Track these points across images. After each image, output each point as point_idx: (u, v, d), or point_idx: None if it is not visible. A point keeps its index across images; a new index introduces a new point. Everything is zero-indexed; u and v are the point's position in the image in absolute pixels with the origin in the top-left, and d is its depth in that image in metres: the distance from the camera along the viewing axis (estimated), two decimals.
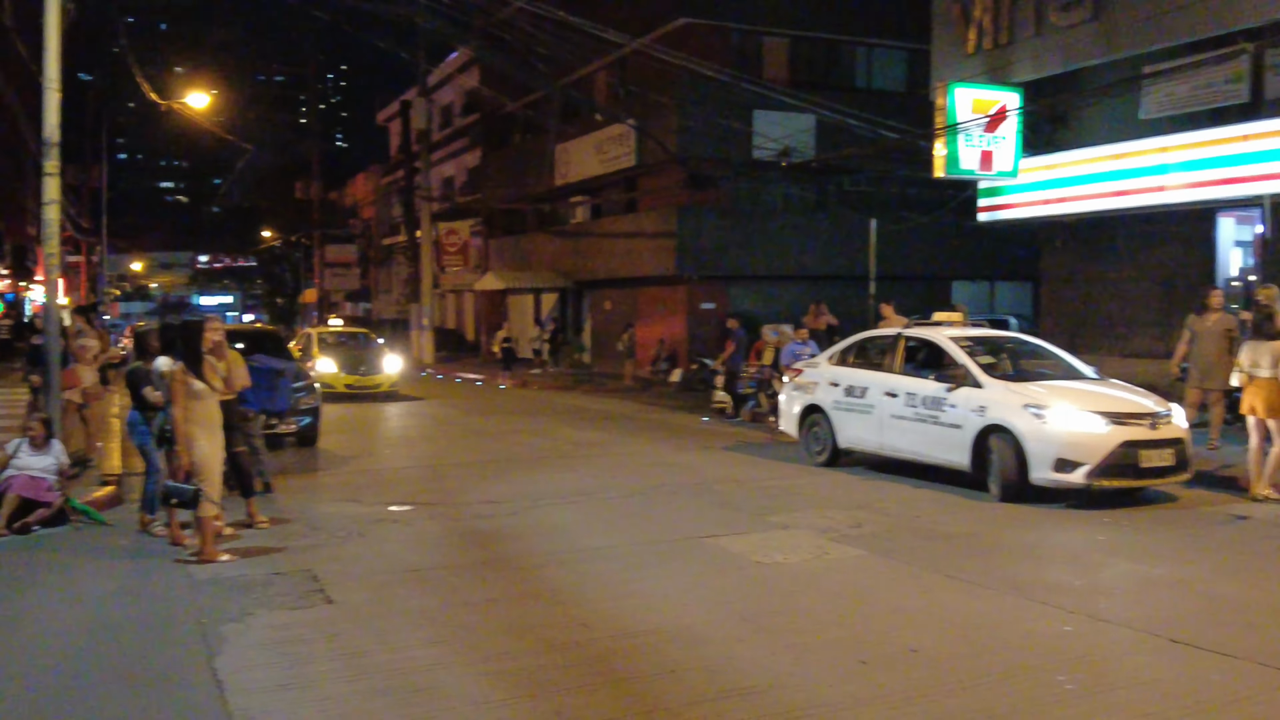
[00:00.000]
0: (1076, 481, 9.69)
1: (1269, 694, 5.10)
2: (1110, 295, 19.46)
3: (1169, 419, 10.18)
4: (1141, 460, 9.74)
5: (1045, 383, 10.76)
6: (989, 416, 10.31)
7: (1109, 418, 9.85)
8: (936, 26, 20.88)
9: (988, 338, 12.17)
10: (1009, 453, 10.05)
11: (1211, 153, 16.27)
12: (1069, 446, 9.71)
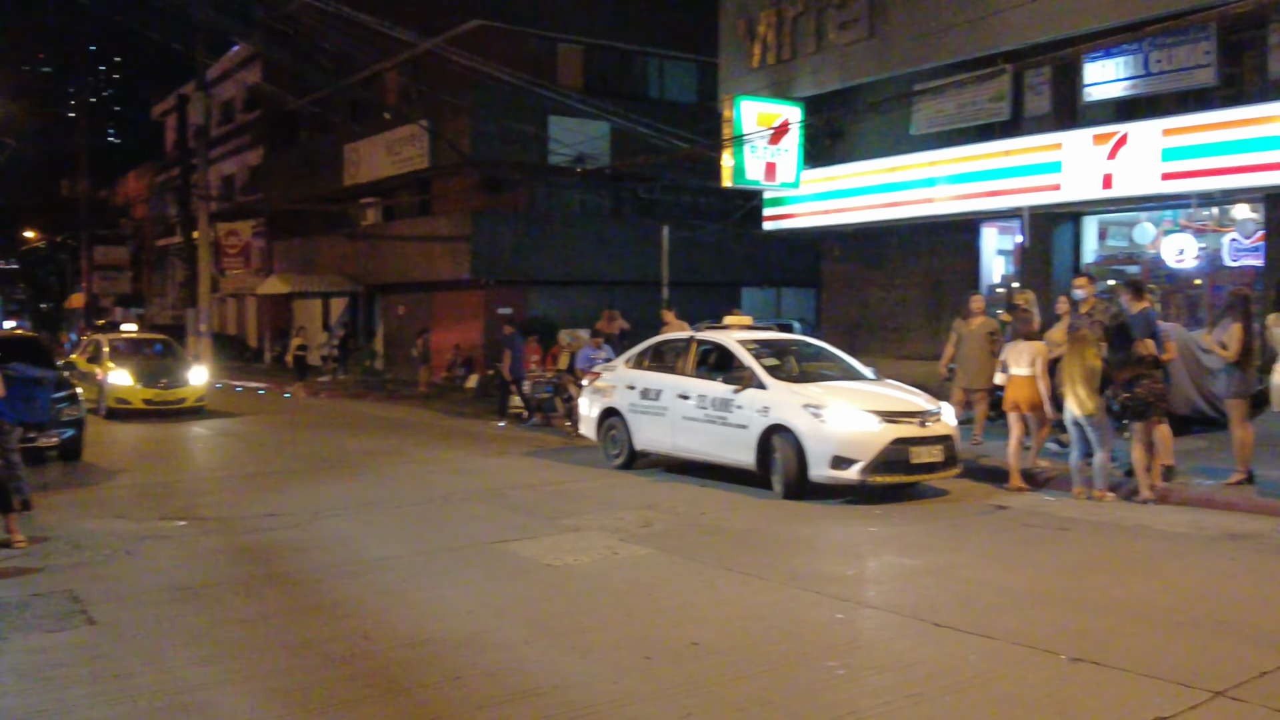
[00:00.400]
0: (852, 478, 10.09)
1: (1021, 671, 5.45)
2: (884, 300, 20.52)
3: (939, 417, 10.68)
4: (912, 456, 10.20)
5: (824, 384, 11.17)
6: (772, 417, 10.64)
7: (882, 416, 10.27)
8: (724, 41, 21.50)
9: (774, 341, 12.54)
10: (790, 451, 10.40)
11: (976, 167, 17.39)
12: (845, 444, 10.10)
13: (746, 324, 13.16)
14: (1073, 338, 10.44)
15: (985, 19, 16.50)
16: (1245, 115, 14.28)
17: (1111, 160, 15.39)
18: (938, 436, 10.48)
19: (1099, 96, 16.20)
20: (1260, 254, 15.12)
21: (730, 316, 13.37)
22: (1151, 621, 6.32)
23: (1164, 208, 16.23)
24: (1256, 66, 14.87)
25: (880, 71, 18.63)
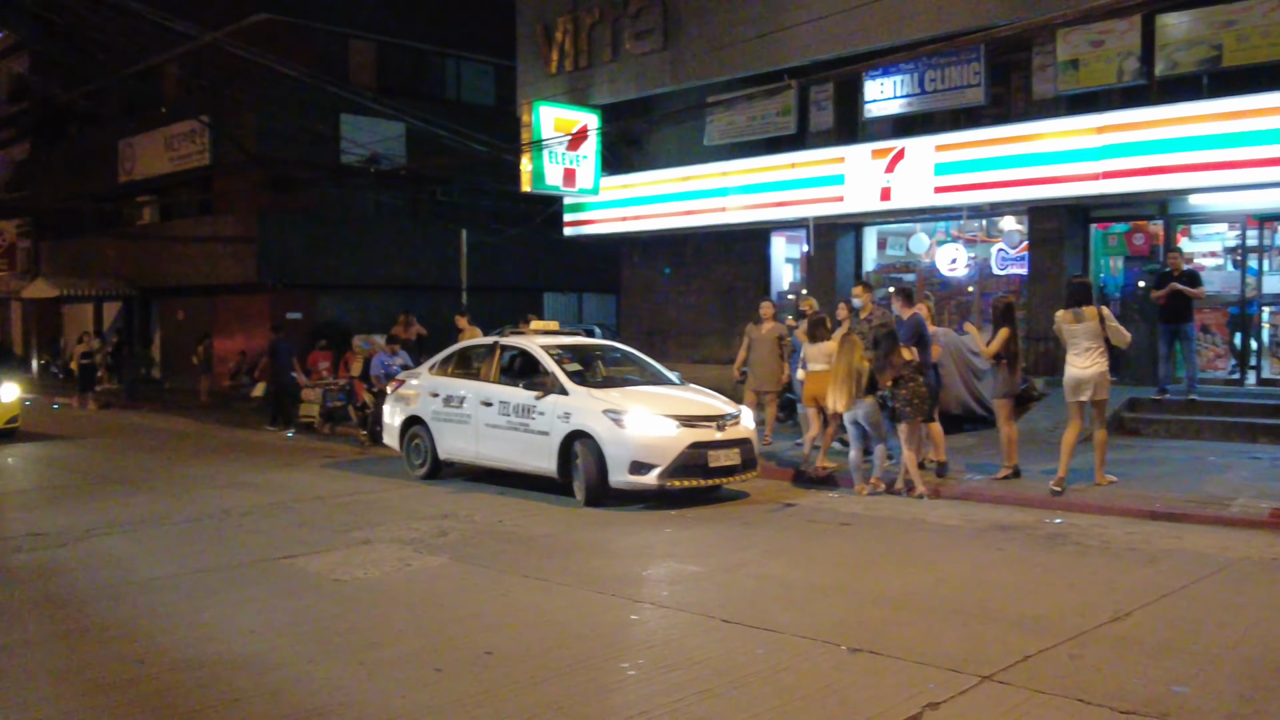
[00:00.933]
0: (650, 483, 10.12)
1: (804, 663, 5.62)
2: (682, 306, 20.92)
3: (737, 420, 10.82)
4: (710, 460, 10.29)
5: (626, 389, 11.16)
6: (573, 423, 10.58)
7: (680, 421, 10.34)
8: (521, 45, 21.44)
9: (579, 346, 12.45)
10: (591, 458, 10.36)
11: (765, 178, 17.97)
12: (643, 449, 10.13)
13: (553, 329, 13.04)
14: (843, 341, 10.97)
15: (773, 35, 17.08)
16: (1010, 133, 15.31)
17: (889, 174, 16.20)
18: (735, 440, 10.58)
19: (878, 113, 17.02)
20: (1024, 263, 16.24)
21: (537, 321, 13.23)
22: (926, 611, 6.64)
23: (937, 219, 17.24)
24: (1022, 87, 15.97)
25: (675, 83, 18.99)
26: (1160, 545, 8.37)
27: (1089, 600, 6.78)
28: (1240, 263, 14.90)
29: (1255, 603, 6.75)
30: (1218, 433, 13.05)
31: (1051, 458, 10.87)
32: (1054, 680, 5.29)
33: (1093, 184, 14.36)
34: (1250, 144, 12.94)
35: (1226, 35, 13.56)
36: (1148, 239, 15.60)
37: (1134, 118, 14.13)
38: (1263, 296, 14.72)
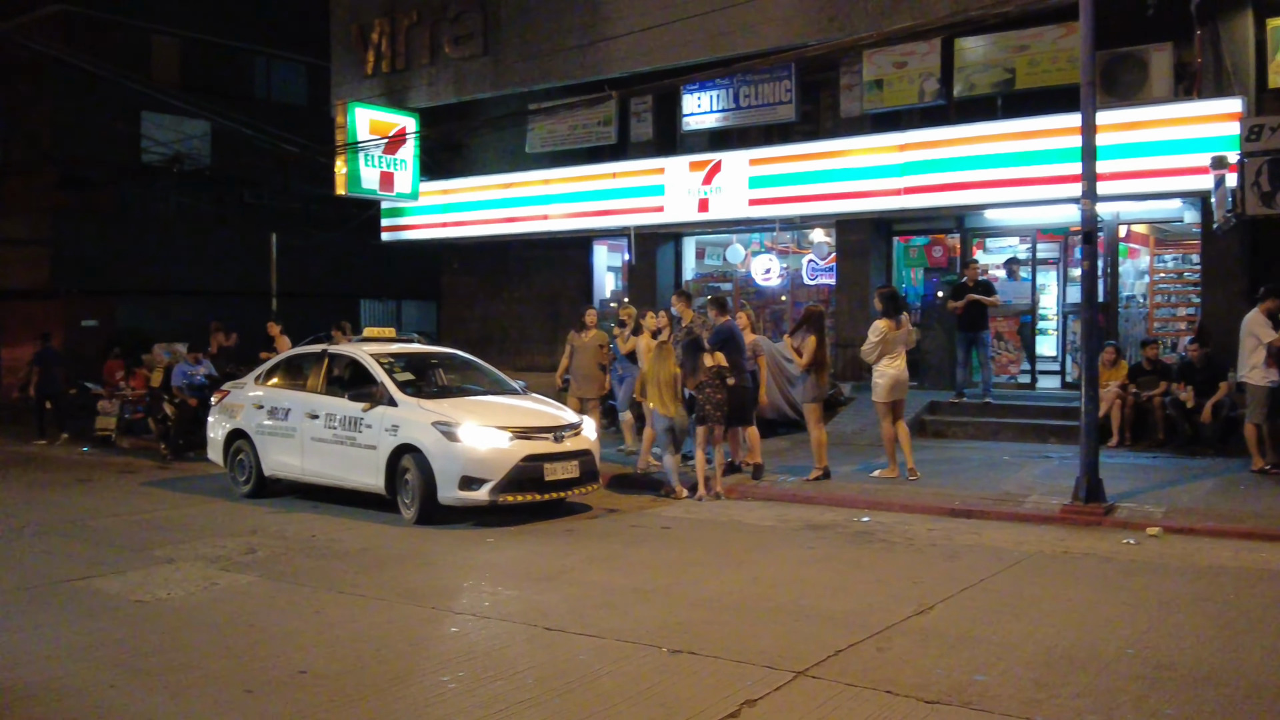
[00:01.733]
0: (482, 499, 9.65)
1: (625, 667, 5.67)
2: (504, 314, 20.79)
3: (578, 431, 10.44)
4: (546, 473, 9.85)
5: (459, 399, 10.69)
6: (401, 436, 10.03)
7: (514, 432, 9.89)
8: (336, 45, 20.91)
9: (414, 353, 11.86)
10: (419, 473, 9.85)
11: (587, 187, 18.08)
12: (473, 463, 9.66)
13: (388, 336, 12.39)
14: (659, 348, 11.16)
15: (593, 46, 17.21)
16: (820, 149, 15.91)
17: (707, 186, 16.58)
18: (575, 452, 10.19)
19: (696, 126, 17.39)
20: (833, 273, 16.87)
21: (374, 328, 12.58)
22: (743, 610, 6.80)
23: (752, 230, 17.73)
24: (831, 105, 16.61)
25: (495, 89, 18.89)
26: (960, 541, 8.83)
27: (895, 595, 7.08)
28: (1031, 273, 15.92)
29: (1048, 594, 7.20)
30: (1012, 434, 13.86)
31: (859, 458, 11.36)
32: (863, 673, 5.50)
33: (895, 199, 15.08)
34: (1039, 163, 13.83)
35: (1019, 60, 14.48)
36: (946, 251, 16.47)
37: (933, 136, 14.92)
38: (1065, 305, 15.78)
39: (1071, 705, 5.02)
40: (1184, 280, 15.54)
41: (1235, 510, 9.48)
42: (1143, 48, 13.69)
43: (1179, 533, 8.91)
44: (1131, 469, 11.52)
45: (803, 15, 15.58)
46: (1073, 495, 9.74)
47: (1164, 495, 10.16)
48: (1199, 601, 6.88)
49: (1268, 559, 8.00)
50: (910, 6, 14.71)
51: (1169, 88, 13.65)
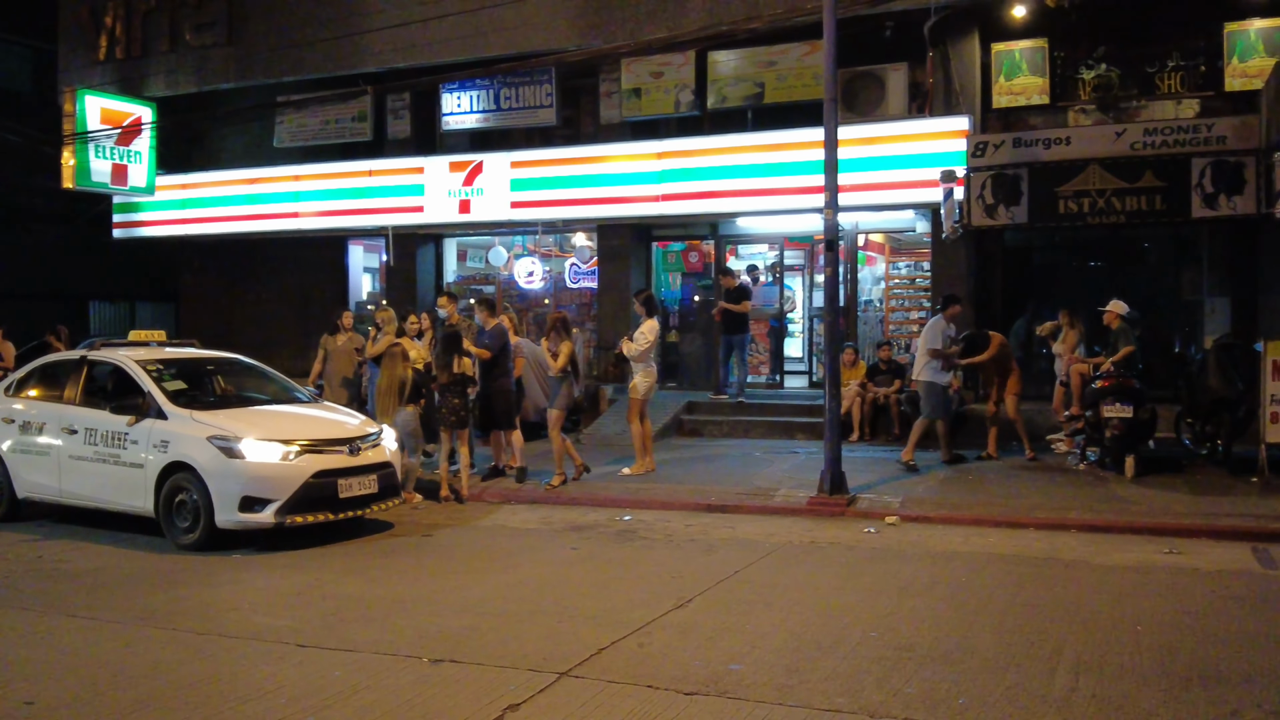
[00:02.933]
0: (266, 521, 8.74)
1: (384, 680, 5.49)
2: (252, 316, 19.82)
3: (377, 442, 9.65)
4: (340, 490, 9.05)
5: (239, 410, 9.71)
6: (172, 453, 9.00)
7: (302, 446, 9.06)
8: (63, 28, 19.43)
9: (187, 360, 10.65)
10: (195, 493, 8.85)
11: (341, 184, 17.51)
12: (256, 482, 8.75)
13: (159, 339, 11.15)
14: (388, 351, 10.94)
15: (347, 39, 16.72)
16: (581, 154, 16.07)
17: (468, 187, 16.40)
18: (372, 465, 9.39)
19: (457, 126, 17.18)
20: (595, 277, 17.06)
21: (142, 331, 11.27)
22: (506, 614, 6.74)
23: (515, 233, 17.68)
24: (591, 111, 16.79)
25: (241, 79, 18.03)
26: (716, 535, 9.10)
27: (655, 591, 7.21)
28: (780, 278, 16.64)
29: (797, 583, 7.51)
30: (763, 431, 14.45)
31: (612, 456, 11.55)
32: (625, 670, 5.56)
33: (654, 205, 15.42)
34: (787, 174, 14.48)
35: (768, 75, 15.12)
36: (702, 257, 16.98)
37: (689, 145, 15.36)
38: (812, 309, 16.55)
39: (820, 688, 5.26)
40: (916, 286, 16.65)
41: (964, 499, 10.23)
42: (881, 67, 14.59)
43: (915, 521, 9.53)
44: (871, 462, 12.23)
45: (563, 21, 15.69)
46: (818, 488, 10.25)
47: (900, 486, 10.84)
48: (934, 585, 7.36)
49: (994, 543, 8.66)
50: (666, 18, 15.09)
51: (904, 106, 14.62)
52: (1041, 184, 13.02)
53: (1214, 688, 5.20)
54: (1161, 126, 12.78)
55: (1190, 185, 12.38)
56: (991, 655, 5.76)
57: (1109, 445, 11.18)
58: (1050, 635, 6.09)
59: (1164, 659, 5.64)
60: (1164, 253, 14.68)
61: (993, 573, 7.71)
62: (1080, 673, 5.44)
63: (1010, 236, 14.68)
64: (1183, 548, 8.37)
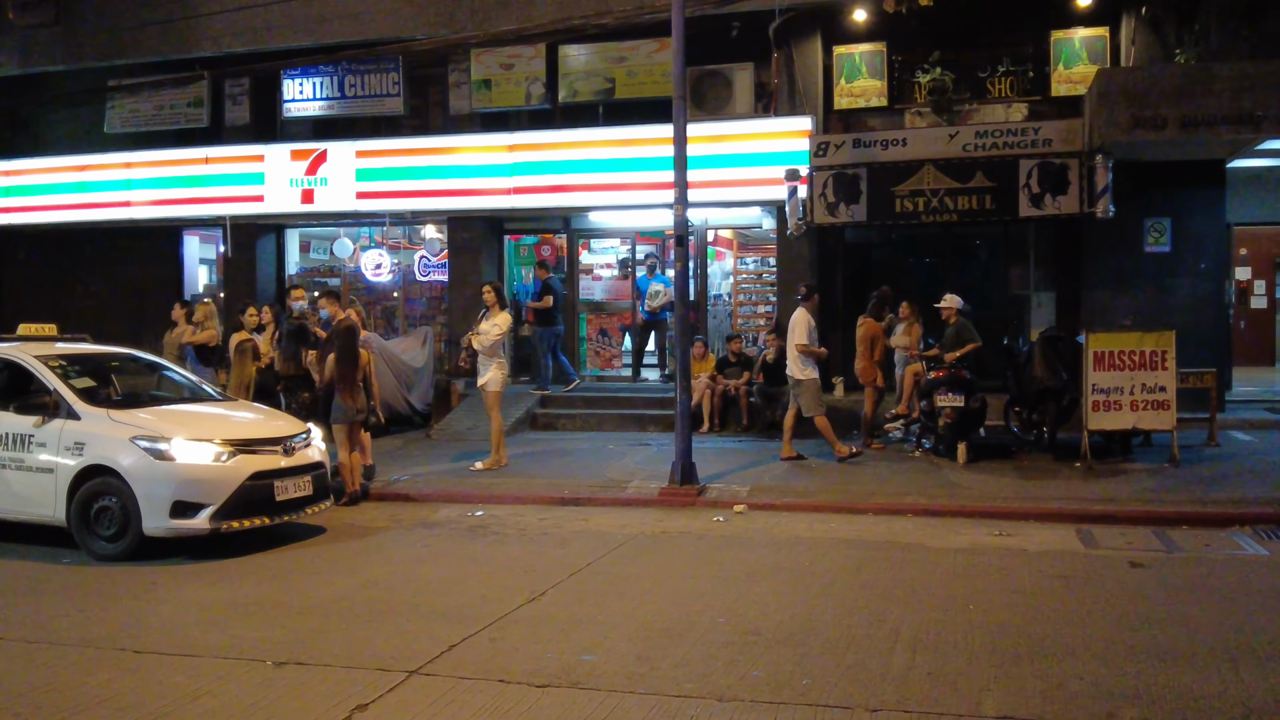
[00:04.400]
0: (201, 527, 8.19)
1: (226, 685, 5.32)
2: (83, 309, 18.76)
3: (307, 442, 9.21)
4: (277, 492, 8.57)
5: (159, 408, 9.10)
6: (90, 455, 8.33)
7: (235, 446, 8.51)
8: None
9: (90, 356, 9.87)
10: (118, 499, 8.23)
11: (176, 172, 16.84)
12: (189, 485, 8.19)
13: (50, 333, 10.31)
14: (236, 349, 10.64)
15: (183, 22, 16.10)
16: (430, 145, 15.84)
17: (311, 176, 15.99)
18: (306, 465, 8.95)
19: (299, 113, 16.71)
20: (445, 270, 16.85)
21: (31, 325, 10.38)
22: (353, 615, 6.61)
23: (361, 224, 17.31)
24: (440, 101, 16.56)
25: (69, 62, 17.15)
26: (570, 528, 9.14)
27: (508, 585, 7.20)
28: (631, 272, 16.77)
29: (648, 572, 7.62)
30: (615, 424, 14.54)
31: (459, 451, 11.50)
32: (477, 666, 5.54)
33: (505, 198, 15.34)
34: (638, 169, 14.61)
35: (619, 71, 15.21)
36: (554, 251, 16.97)
37: (540, 139, 15.33)
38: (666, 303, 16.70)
39: (671, 675, 5.35)
40: (763, 281, 17.04)
41: (808, 487, 10.54)
42: (728, 67, 14.86)
43: (761, 509, 9.78)
44: (721, 453, 12.47)
45: (410, 8, 15.45)
46: (670, 479, 10.40)
47: (748, 475, 11.09)
48: (780, 571, 7.57)
49: (837, 529, 8.96)
50: (516, 10, 15.02)
51: (751, 105, 14.93)
52: (879, 183, 13.52)
53: (1041, 662, 5.51)
54: (992, 129, 13.42)
55: (1018, 186, 13.05)
56: (834, 636, 5.96)
57: (942, 433, 11.68)
58: (888, 615, 6.35)
59: (995, 636, 5.95)
60: (994, 250, 15.41)
61: (835, 557, 7.97)
62: (917, 650, 5.69)
63: (851, 234, 15.17)
64: (1011, 530, 8.82)
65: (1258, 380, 15.96)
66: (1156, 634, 5.96)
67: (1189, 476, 10.45)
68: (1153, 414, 10.93)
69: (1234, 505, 9.20)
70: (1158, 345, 10.90)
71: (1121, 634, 5.96)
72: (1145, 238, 13.80)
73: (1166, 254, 13.80)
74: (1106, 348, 10.99)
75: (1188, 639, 5.87)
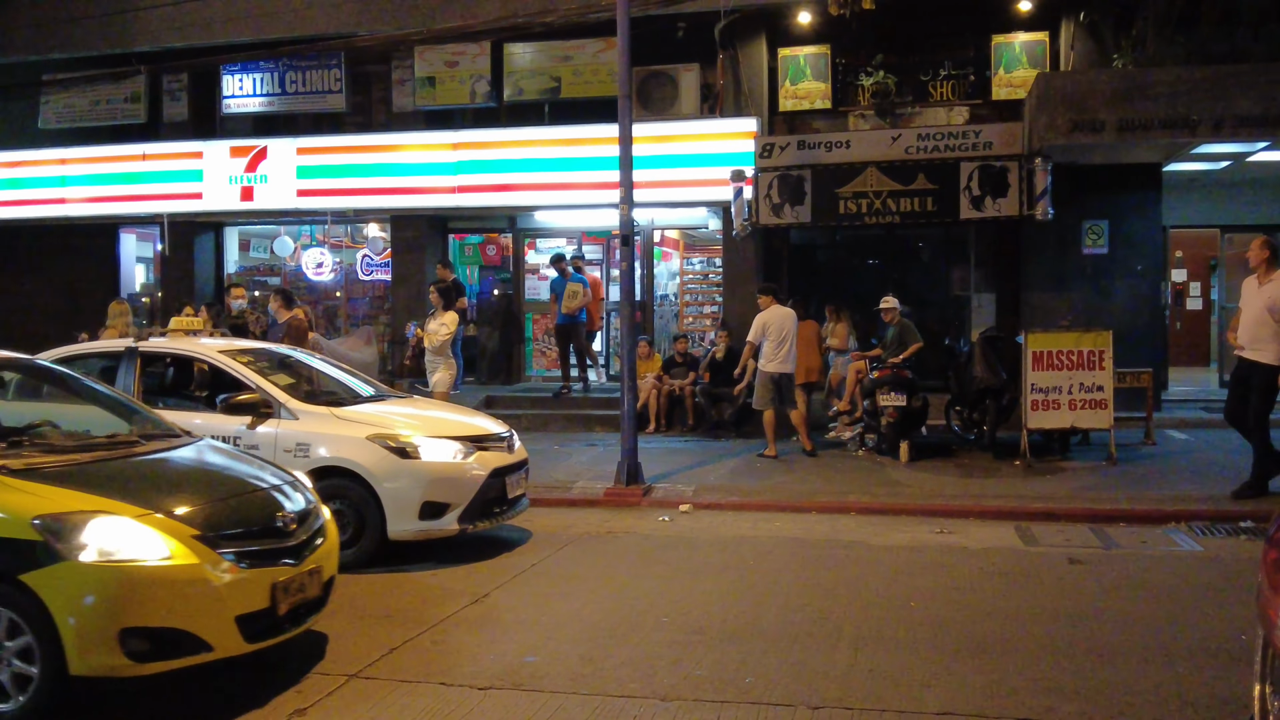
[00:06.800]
0: (449, 528, 7.78)
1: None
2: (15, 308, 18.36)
3: (515, 438, 8.78)
4: (509, 489, 8.20)
5: (366, 405, 8.46)
6: (317, 457, 7.66)
7: (472, 443, 8.09)
8: None
9: (267, 352, 9.08)
10: (349, 503, 7.63)
11: (112, 169, 16.50)
12: (437, 485, 7.70)
13: (198, 327, 9.45)
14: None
15: (118, 16, 15.81)
16: (373, 142, 15.66)
17: (251, 173, 15.74)
18: (524, 461, 8.62)
19: (238, 109, 16.46)
20: (389, 269, 16.68)
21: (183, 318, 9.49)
22: None
23: (302, 222, 17.08)
24: (383, 98, 16.38)
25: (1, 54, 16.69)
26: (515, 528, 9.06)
27: (451, 587, 7.11)
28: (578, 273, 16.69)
29: (593, 573, 7.57)
30: (562, 424, 14.48)
31: None
32: (418, 668, 5.46)
33: (449, 197, 15.21)
34: (584, 169, 14.54)
35: (564, 69, 15.16)
36: (500, 250, 16.88)
37: (485, 138, 15.23)
38: (608, 303, 16.66)
39: (615, 675, 5.32)
40: (709, 281, 17.07)
41: (753, 486, 10.56)
42: (674, 67, 14.86)
43: (707, 508, 9.78)
44: (666, 452, 12.46)
45: (353, 4, 15.30)
46: (615, 479, 10.37)
47: (694, 475, 11.09)
48: (725, 569, 7.57)
49: (781, 528, 8.98)
50: (460, 7, 14.92)
51: (696, 105, 14.95)
52: (824, 185, 13.60)
53: (981, 658, 5.56)
54: (934, 132, 13.56)
55: (959, 188, 13.20)
56: (777, 634, 5.97)
57: (885, 432, 11.78)
58: (831, 613, 6.37)
59: (936, 633, 5.99)
60: (936, 251, 15.58)
61: (779, 555, 7.99)
62: (859, 648, 5.71)
63: (796, 235, 15.25)
64: (952, 527, 8.91)
65: (1193, 380, 16.29)
66: (1095, 629, 6.04)
67: (1126, 475, 10.63)
68: (1090, 413, 11.11)
69: (1170, 503, 9.36)
70: (1095, 345, 11.09)
71: (1061, 630, 6.03)
72: (1083, 240, 14.03)
73: (1104, 256, 14.03)
74: (1045, 348, 11.15)
75: (1125, 634, 5.95)
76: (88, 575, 4.60)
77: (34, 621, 4.58)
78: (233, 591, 4.90)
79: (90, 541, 4.65)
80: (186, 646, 4.76)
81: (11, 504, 4.74)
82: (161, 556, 4.74)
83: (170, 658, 4.73)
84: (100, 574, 4.61)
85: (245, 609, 4.93)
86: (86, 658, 4.56)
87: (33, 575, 4.58)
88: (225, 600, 4.87)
